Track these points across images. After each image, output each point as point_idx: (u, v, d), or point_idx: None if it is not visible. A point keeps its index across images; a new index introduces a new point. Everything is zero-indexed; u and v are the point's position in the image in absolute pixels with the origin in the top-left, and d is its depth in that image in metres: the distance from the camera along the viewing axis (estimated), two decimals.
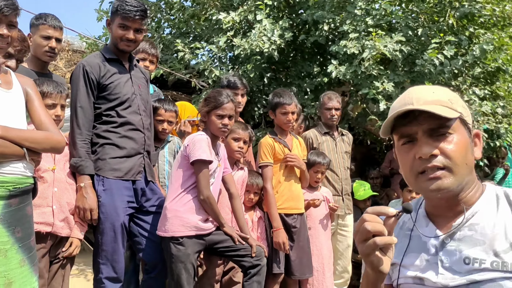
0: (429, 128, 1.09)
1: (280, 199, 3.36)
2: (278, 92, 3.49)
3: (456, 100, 1.13)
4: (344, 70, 4.42)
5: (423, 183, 1.09)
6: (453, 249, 1.10)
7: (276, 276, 3.32)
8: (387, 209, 1.00)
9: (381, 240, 0.97)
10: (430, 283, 1.11)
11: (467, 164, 1.10)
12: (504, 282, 1.02)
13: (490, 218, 1.09)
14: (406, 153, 1.12)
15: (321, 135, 3.98)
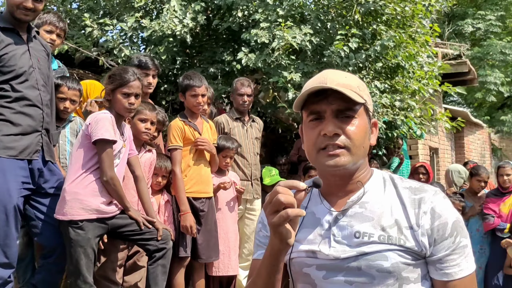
0: (337, 109, 1.16)
1: (188, 182, 3.34)
2: (189, 74, 3.44)
3: (363, 88, 1.21)
4: (255, 59, 4.48)
5: (322, 158, 1.16)
6: (345, 224, 1.18)
7: (182, 259, 3.31)
8: (298, 183, 1.05)
9: (293, 212, 1.01)
10: (322, 256, 1.17)
11: (364, 147, 1.19)
12: (388, 253, 1.12)
13: (378, 198, 1.20)
14: (312, 129, 1.18)
15: (233, 120, 4.01)
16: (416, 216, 1.15)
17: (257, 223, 1.33)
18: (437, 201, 1.16)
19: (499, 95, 13.22)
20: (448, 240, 1.14)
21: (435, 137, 8.54)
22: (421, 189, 1.19)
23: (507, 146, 15.33)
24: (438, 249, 1.14)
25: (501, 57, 13.03)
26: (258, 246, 1.31)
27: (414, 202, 1.17)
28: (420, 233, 1.13)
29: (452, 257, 1.14)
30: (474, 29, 13.62)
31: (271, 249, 1.09)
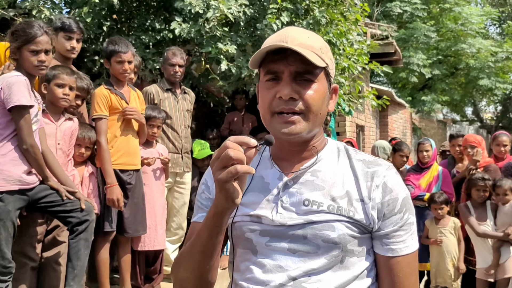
0: (295, 71, 1.08)
1: (115, 154, 3.19)
2: (114, 39, 3.25)
3: (326, 50, 1.13)
4: (188, 29, 4.33)
5: (277, 124, 1.10)
6: (294, 191, 1.13)
7: (107, 234, 3.19)
8: (249, 139, 0.98)
9: (242, 168, 0.94)
10: (267, 221, 1.12)
11: (321, 114, 1.13)
12: (336, 224, 1.09)
13: (331, 167, 1.16)
14: (268, 89, 1.11)
15: (163, 91, 3.87)
16: (368, 189, 1.13)
17: (200, 184, 1.26)
18: (389, 175, 1.14)
19: (421, 77, 13.94)
20: (397, 215, 1.12)
21: (362, 115, 8.86)
22: (374, 163, 1.17)
23: (426, 125, 16.33)
24: (386, 224, 1.12)
25: (424, 40, 13.71)
26: (199, 208, 1.24)
27: (367, 175, 1.14)
28: (370, 206, 1.11)
29: (399, 233, 1.12)
30: (402, 12, 14.18)
31: (215, 208, 1.02)
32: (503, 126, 21.50)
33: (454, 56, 15.02)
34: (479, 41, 14.51)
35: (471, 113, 24.22)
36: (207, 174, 1.24)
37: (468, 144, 4.42)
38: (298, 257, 1.09)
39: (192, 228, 1.22)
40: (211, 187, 1.21)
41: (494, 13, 16.59)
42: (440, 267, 4.04)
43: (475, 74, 14.44)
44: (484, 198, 3.92)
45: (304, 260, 1.09)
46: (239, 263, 1.17)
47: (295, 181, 1.15)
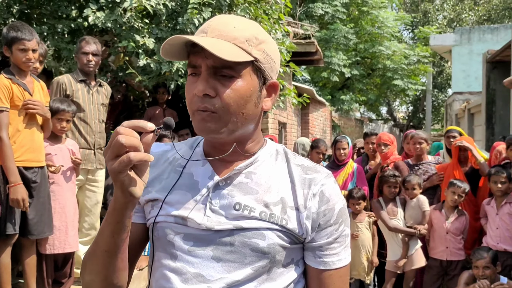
0: (212, 65, 0.98)
1: (18, 150, 2.94)
2: (15, 25, 2.96)
3: (257, 42, 1.01)
4: (104, 18, 4.11)
5: (195, 122, 1.02)
6: (225, 194, 1.04)
7: (9, 237, 2.94)
8: (145, 123, 0.88)
9: (136, 156, 0.84)
10: (193, 224, 1.02)
11: (244, 114, 1.01)
12: (267, 232, 1.00)
13: (267, 170, 1.07)
14: (190, 85, 1.02)
15: (76, 82, 3.64)
16: (305, 197, 1.05)
17: None
18: (327, 184, 1.07)
19: (341, 76, 14.50)
20: (332, 227, 1.05)
21: (284, 112, 9.02)
22: (313, 169, 1.09)
23: (345, 123, 17.04)
24: (321, 235, 1.05)
25: (344, 41, 14.26)
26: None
27: (304, 181, 1.06)
28: (305, 215, 1.03)
29: (333, 246, 1.06)
30: (323, 13, 14.64)
31: (114, 203, 0.92)
32: (413, 125, 23.06)
33: (371, 58, 15.79)
34: (394, 44, 15.38)
35: (386, 113, 25.70)
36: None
37: (382, 142, 4.63)
38: (222, 266, 1.01)
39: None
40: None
41: (407, 18, 17.65)
42: (355, 261, 4.19)
43: (390, 75, 15.30)
44: (395, 194, 4.14)
45: (229, 270, 1.00)
46: (156, 268, 1.07)
47: (228, 182, 1.05)
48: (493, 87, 9.62)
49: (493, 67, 9.60)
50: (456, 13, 24.63)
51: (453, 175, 4.15)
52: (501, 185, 3.80)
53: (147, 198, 1.09)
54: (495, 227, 3.84)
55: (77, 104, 3.54)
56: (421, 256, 4.02)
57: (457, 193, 3.88)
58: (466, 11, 24.69)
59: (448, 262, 3.93)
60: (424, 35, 17.66)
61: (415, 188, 4.05)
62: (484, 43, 14.37)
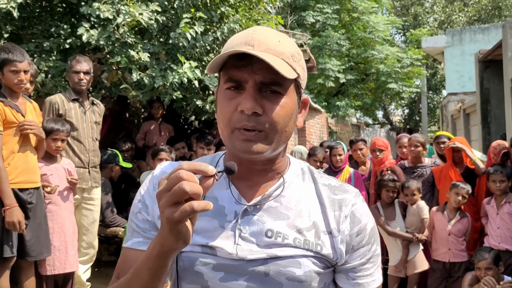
0: (261, 81, 0.92)
1: (13, 172, 2.93)
2: (6, 47, 2.98)
3: (298, 58, 0.98)
4: (97, 35, 4.12)
5: (236, 141, 0.94)
6: (255, 220, 0.97)
7: (7, 260, 2.92)
8: (206, 167, 0.80)
9: (200, 205, 0.76)
10: (224, 254, 0.95)
11: (286, 132, 0.97)
12: (302, 259, 0.96)
13: (295, 193, 1.02)
14: (229, 100, 0.95)
15: (69, 101, 3.63)
16: (337, 220, 1.00)
17: (135, 201, 1.05)
18: (357, 204, 1.03)
19: (336, 82, 14.54)
20: (365, 247, 1.01)
21: None
22: (341, 189, 1.04)
23: (342, 129, 17.05)
24: (354, 257, 1.01)
25: (337, 47, 14.33)
26: (134, 231, 1.02)
27: (334, 203, 1.01)
28: (339, 239, 0.99)
29: (367, 266, 1.02)
30: (314, 21, 14.73)
31: (161, 247, 0.83)
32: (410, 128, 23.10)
33: (364, 63, 15.86)
34: (386, 48, 15.46)
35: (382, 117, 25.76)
36: (145, 190, 1.04)
37: (376, 147, 4.63)
38: None
39: (125, 256, 1.02)
40: (150, 207, 1.02)
41: (398, 22, 17.77)
42: None
43: (384, 78, 15.35)
44: (393, 198, 4.12)
45: None
46: None
47: (256, 207, 0.99)
48: (486, 87, 9.65)
49: (486, 66, 9.64)
50: (446, 15, 24.81)
51: (449, 177, 4.14)
52: (500, 184, 3.79)
53: None
54: (496, 227, 3.83)
55: (70, 123, 3.54)
56: (423, 259, 3.99)
57: (461, 194, 3.86)
58: (456, 12, 24.89)
59: (451, 264, 3.90)
60: (416, 38, 17.76)
61: (415, 194, 4.03)
62: (475, 43, 14.45)
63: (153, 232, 1.00)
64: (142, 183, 1.06)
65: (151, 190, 1.03)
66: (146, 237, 1.01)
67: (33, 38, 4.59)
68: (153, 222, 1.01)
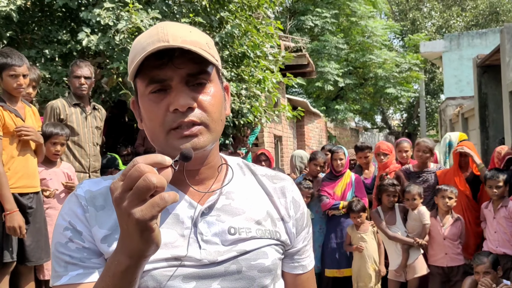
0: (187, 74, 0.88)
1: (13, 177, 2.93)
2: (5, 51, 2.98)
3: (212, 45, 0.94)
4: (97, 40, 4.14)
5: (175, 141, 0.89)
6: (214, 220, 0.94)
7: (7, 265, 2.91)
8: (162, 157, 0.73)
9: (170, 196, 0.70)
10: (192, 261, 0.90)
11: (222, 121, 0.95)
12: (267, 249, 0.97)
13: (242, 186, 1.01)
14: (156, 103, 0.89)
15: (70, 106, 3.64)
16: (284, 206, 1.03)
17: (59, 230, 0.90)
18: (295, 189, 1.07)
19: (335, 86, 14.57)
20: (305, 230, 1.06)
21: (279, 126, 9.04)
22: (278, 177, 1.07)
23: (340, 133, 17.07)
24: (298, 240, 1.04)
25: (335, 51, 14.38)
26: (68, 264, 0.88)
27: (276, 191, 1.04)
28: (291, 224, 1.02)
29: (307, 248, 1.07)
30: (313, 25, 14.77)
31: (128, 261, 0.74)
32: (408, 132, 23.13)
33: (362, 67, 15.91)
34: (384, 52, 15.51)
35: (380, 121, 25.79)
36: (70, 214, 0.91)
37: (381, 151, 4.63)
38: None
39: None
40: (84, 232, 0.90)
41: (396, 26, 17.83)
42: (362, 272, 4.17)
43: (382, 83, 15.39)
44: (394, 203, 4.13)
45: None
46: None
47: (211, 208, 0.96)
48: (484, 91, 9.69)
49: (484, 71, 9.68)
50: (444, 20, 24.90)
51: (454, 181, 4.14)
52: (496, 190, 3.80)
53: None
54: (493, 231, 3.84)
55: (71, 128, 3.54)
56: (423, 264, 4.00)
57: (446, 196, 3.87)
58: (454, 17, 24.98)
59: (449, 268, 3.91)
60: (414, 43, 17.83)
61: (416, 199, 4.03)
62: (473, 48, 14.50)
63: (94, 260, 0.89)
64: (61, 210, 0.94)
65: (80, 214, 0.90)
66: (87, 267, 0.88)
67: (33, 43, 4.60)
68: (93, 248, 0.89)
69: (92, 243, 0.89)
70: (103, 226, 0.90)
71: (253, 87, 5.15)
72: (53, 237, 0.92)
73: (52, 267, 0.91)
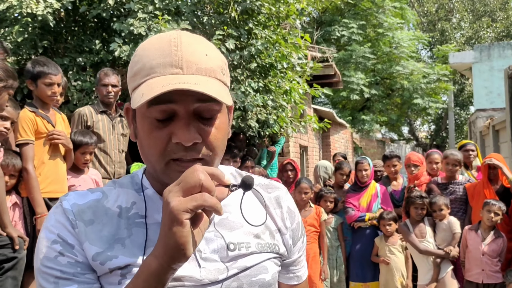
0: (195, 109, 0.83)
1: (43, 181, 2.99)
2: (40, 60, 3.08)
3: (226, 68, 0.90)
4: (129, 50, 4.23)
5: (173, 173, 0.83)
6: (212, 236, 0.91)
7: None
8: (221, 173, 0.73)
9: (212, 200, 0.69)
10: (193, 281, 0.86)
11: (223, 150, 0.91)
12: (267, 263, 0.94)
13: (236, 198, 0.94)
14: (159, 129, 0.84)
15: (97, 113, 3.72)
16: (281, 217, 1.00)
17: (49, 245, 0.84)
18: (289, 199, 1.04)
19: (361, 96, 14.46)
20: (300, 240, 1.04)
21: (305, 136, 9.01)
22: (272, 186, 1.03)
23: (367, 144, 16.90)
24: (294, 251, 1.02)
25: (362, 61, 14.30)
26: (60, 280, 0.83)
27: (271, 201, 1.00)
28: (288, 236, 1.00)
29: (301, 258, 1.06)
30: (340, 35, 14.74)
31: (154, 261, 0.73)
32: (436, 144, 22.72)
33: (389, 78, 15.75)
34: (412, 63, 15.33)
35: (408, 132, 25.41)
36: (57, 227, 0.85)
37: (411, 163, 4.56)
38: None
39: None
40: (76, 245, 0.85)
41: (424, 37, 17.63)
42: (389, 285, 4.09)
43: (408, 95, 15.20)
44: (422, 215, 4.04)
45: None
46: None
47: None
48: None
49: None
50: (473, 30, 24.49)
51: (484, 194, 4.04)
52: None
53: (112, 266, 0.84)
54: None
55: (98, 135, 3.61)
56: (453, 279, 3.89)
57: (493, 211, 3.76)
58: (484, 28, 24.53)
59: (484, 285, 3.78)
60: (443, 54, 17.57)
61: (442, 209, 3.95)
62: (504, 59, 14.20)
63: (88, 275, 0.84)
64: (46, 222, 0.88)
65: (69, 227, 0.85)
66: (81, 282, 0.83)
67: (66, 52, 4.74)
68: (86, 263, 0.84)
69: (84, 257, 0.84)
70: (94, 242, 0.85)
71: (279, 97, 5.16)
72: (37, 251, 0.86)
73: (38, 284, 0.85)
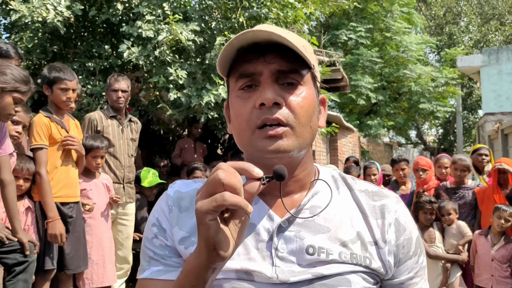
0: (277, 70, 0.83)
1: (56, 186, 3.03)
2: (57, 66, 3.12)
3: (310, 50, 0.88)
4: (138, 53, 4.26)
5: (259, 141, 0.82)
6: (292, 236, 0.86)
7: (48, 272, 3.00)
8: (252, 167, 0.70)
9: (232, 198, 0.66)
10: (262, 279, 0.83)
11: (311, 128, 0.87)
12: (351, 276, 0.84)
13: (332, 201, 0.90)
14: (244, 100, 0.84)
15: (107, 118, 3.75)
16: (381, 228, 0.89)
17: (149, 225, 0.92)
18: (400, 210, 0.92)
19: (368, 100, 14.42)
20: (412, 259, 0.91)
21: None
22: (380, 194, 0.94)
23: (374, 149, 16.83)
24: (401, 271, 0.90)
25: (370, 64, 14.27)
26: (151, 260, 0.89)
27: (375, 210, 0.91)
28: (387, 250, 0.88)
29: (415, 281, 0.92)
30: (347, 39, 14.73)
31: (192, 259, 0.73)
32: (444, 148, 22.59)
33: (396, 82, 15.70)
34: (419, 67, 15.27)
35: (415, 136, 25.30)
36: (160, 213, 0.92)
37: (420, 167, 4.54)
38: None
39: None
40: (168, 230, 0.90)
41: (431, 41, 17.56)
42: None
43: (416, 98, 15.13)
44: (431, 220, 4.02)
45: None
46: None
47: (291, 222, 0.87)
48: None
49: None
50: (482, 34, 24.37)
51: (493, 199, 4.01)
52: None
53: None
54: None
55: (107, 139, 3.64)
56: (462, 284, 3.87)
57: (503, 217, 3.73)
58: (492, 31, 24.41)
59: None
60: (451, 57, 17.49)
61: (451, 213, 3.93)
62: None
63: (174, 258, 0.88)
64: (155, 206, 0.95)
65: (167, 212, 0.91)
66: (167, 265, 0.88)
67: (76, 57, 4.78)
68: (173, 247, 0.89)
69: (173, 242, 0.89)
70: (183, 227, 0.89)
71: None
72: (144, 232, 0.94)
73: (140, 260, 0.93)
